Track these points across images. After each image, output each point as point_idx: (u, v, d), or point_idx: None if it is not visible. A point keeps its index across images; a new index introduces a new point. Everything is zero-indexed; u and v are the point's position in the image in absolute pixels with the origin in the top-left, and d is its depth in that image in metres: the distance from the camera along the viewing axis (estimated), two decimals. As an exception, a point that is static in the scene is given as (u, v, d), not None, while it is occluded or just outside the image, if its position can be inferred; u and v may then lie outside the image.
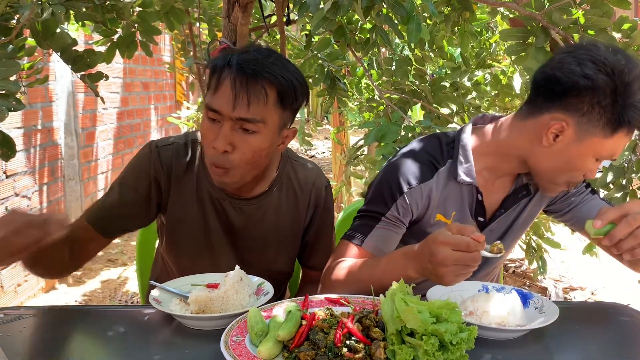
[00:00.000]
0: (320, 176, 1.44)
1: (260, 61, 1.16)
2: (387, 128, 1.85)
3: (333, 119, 4.89)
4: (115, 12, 1.79)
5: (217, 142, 1.16)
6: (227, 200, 1.33)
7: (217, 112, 1.16)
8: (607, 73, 1.06)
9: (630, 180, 1.48)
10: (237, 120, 1.15)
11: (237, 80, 1.14)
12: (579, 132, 1.12)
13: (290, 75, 1.18)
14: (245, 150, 1.18)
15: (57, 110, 3.49)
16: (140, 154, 1.33)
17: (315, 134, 9.54)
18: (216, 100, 1.16)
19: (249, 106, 1.15)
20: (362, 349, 0.88)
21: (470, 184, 1.25)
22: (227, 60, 1.18)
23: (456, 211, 1.25)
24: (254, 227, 1.36)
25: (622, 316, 1.18)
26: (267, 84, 1.15)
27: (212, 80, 1.20)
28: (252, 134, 1.17)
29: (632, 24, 1.40)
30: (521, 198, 1.30)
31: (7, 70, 1.34)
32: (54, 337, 1.05)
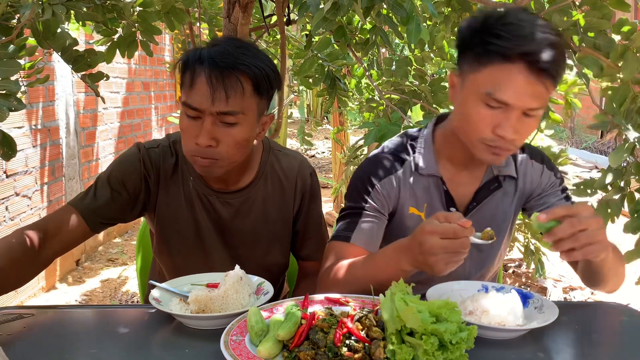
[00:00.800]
0: (305, 164, 1.45)
1: (231, 53, 1.18)
2: (386, 128, 1.86)
3: (333, 119, 4.89)
4: (116, 12, 1.79)
5: (201, 139, 1.17)
6: (213, 196, 1.35)
7: (195, 109, 1.17)
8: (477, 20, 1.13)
9: (629, 182, 1.48)
10: (217, 114, 1.17)
11: (212, 75, 1.15)
12: (461, 76, 1.17)
13: (262, 64, 1.20)
14: (229, 142, 1.20)
15: (57, 109, 3.50)
16: (128, 153, 1.34)
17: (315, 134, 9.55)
18: (193, 97, 1.17)
19: (227, 100, 1.16)
20: (361, 348, 0.88)
21: (433, 176, 1.29)
22: (197, 55, 1.19)
23: (427, 204, 1.28)
24: (243, 220, 1.37)
25: (621, 316, 1.18)
26: (241, 76, 1.17)
27: (185, 77, 1.21)
28: (233, 126, 1.20)
29: (632, 26, 1.40)
30: (493, 190, 1.31)
31: (8, 70, 1.34)
32: (54, 337, 1.05)
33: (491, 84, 1.10)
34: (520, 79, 1.07)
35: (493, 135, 1.13)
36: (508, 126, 1.11)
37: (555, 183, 1.35)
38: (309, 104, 9.68)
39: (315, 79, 2.46)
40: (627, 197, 1.49)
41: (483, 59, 1.11)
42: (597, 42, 1.45)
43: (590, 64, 1.45)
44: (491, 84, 1.10)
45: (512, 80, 1.08)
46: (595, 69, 1.45)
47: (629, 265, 1.47)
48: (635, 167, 1.44)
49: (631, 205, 1.48)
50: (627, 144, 1.36)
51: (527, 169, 1.34)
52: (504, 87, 1.09)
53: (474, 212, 1.32)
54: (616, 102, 1.44)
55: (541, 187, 1.34)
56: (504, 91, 1.09)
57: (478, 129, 1.14)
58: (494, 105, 1.11)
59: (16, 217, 3.08)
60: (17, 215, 3.08)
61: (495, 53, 1.08)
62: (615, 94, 1.46)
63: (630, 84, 1.44)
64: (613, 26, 1.43)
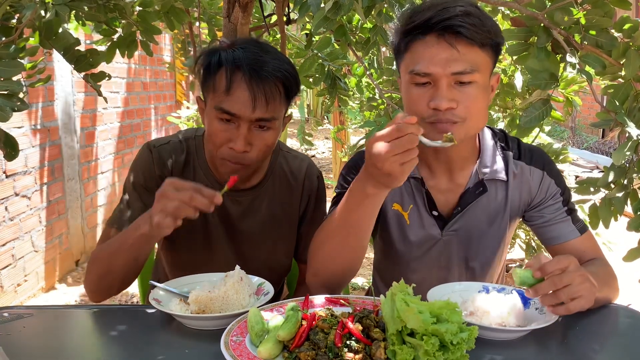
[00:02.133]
0: (312, 166, 1.47)
1: (266, 60, 1.20)
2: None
3: (333, 118, 4.89)
4: (117, 12, 1.79)
5: (237, 144, 1.19)
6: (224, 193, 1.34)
7: (233, 115, 1.18)
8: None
9: (632, 180, 1.47)
10: (254, 120, 1.19)
11: (253, 81, 1.17)
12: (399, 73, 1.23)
13: (290, 69, 1.24)
14: (262, 146, 1.23)
15: (57, 110, 3.49)
16: (140, 157, 1.35)
17: (315, 134, 9.55)
18: (232, 103, 1.18)
19: (267, 107, 1.19)
20: (362, 349, 0.88)
21: (415, 178, 1.30)
22: (230, 59, 1.19)
23: (412, 205, 1.30)
24: (250, 218, 1.38)
25: (622, 316, 1.18)
26: (277, 82, 1.20)
27: (215, 80, 1.20)
28: (266, 130, 1.23)
29: (634, 23, 1.40)
30: (478, 195, 1.29)
31: (10, 70, 1.33)
32: (54, 337, 1.05)
33: (412, 63, 1.15)
34: (432, 46, 1.12)
35: (430, 110, 1.13)
36: (440, 96, 1.12)
37: (556, 193, 1.30)
38: (309, 103, 9.68)
39: (315, 78, 2.45)
40: (630, 195, 1.48)
41: (402, 47, 1.18)
42: (599, 40, 1.44)
43: (592, 62, 1.44)
44: (412, 62, 1.15)
45: (426, 50, 1.13)
46: (597, 67, 1.44)
47: (629, 266, 1.47)
48: (638, 165, 1.44)
49: (634, 203, 1.48)
50: (630, 142, 1.35)
51: (524, 176, 1.30)
52: (421, 60, 1.13)
53: (459, 216, 1.30)
54: (618, 100, 1.44)
55: (540, 196, 1.30)
56: (421, 63, 1.13)
57: (417, 110, 1.14)
58: (420, 81, 1.14)
59: (16, 217, 3.08)
60: (16, 216, 3.08)
61: (408, 35, 1.15)
62: (618, 91, 1.45)
63: (632, 82, 1.44)
64: (615, 24, 1.43)
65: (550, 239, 1.31)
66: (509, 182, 1.29)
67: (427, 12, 1.12)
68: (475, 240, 1.32)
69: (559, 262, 1.01)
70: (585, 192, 1.54)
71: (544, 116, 1.53)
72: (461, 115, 1.13)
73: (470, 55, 1.12)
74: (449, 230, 1.30)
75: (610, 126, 1.43)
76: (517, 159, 1.31)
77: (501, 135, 1.35)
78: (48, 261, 3.42)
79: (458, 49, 1.11)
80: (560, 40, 1.46)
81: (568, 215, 1.30)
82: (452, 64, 1.11)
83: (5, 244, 2.98)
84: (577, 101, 2.14)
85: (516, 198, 1.31)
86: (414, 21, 1.14)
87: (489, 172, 1.28)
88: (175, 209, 1.05)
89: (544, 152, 1.34)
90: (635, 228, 1.44)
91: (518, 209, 1.33)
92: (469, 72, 1.11)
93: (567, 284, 0.98)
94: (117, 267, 1.20)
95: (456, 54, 1.11)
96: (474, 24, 1.11)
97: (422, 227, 1.31)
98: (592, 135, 8.78)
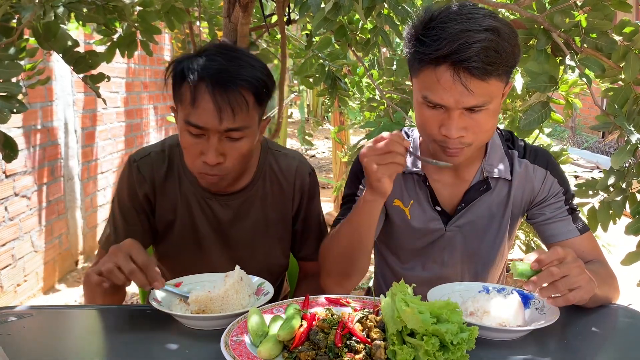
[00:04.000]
0: (303, 163, 1.45)
1: (231, 69, 1.16)
2: (389, 128, 1.85)
3: (333, 118, 4.89)
4: (116, 13, 1.79)
5: (209, 157, 1.17)
6: (212, 198, 1.35)
7: (201, 128, 1.16)
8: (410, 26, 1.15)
9: (630, 183, 1.47)
10: (223, 131, 1.17)
11: (217, 93, 1.14)
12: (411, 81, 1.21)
13: (260, 74, 1.20)
14: (236, 155, 1.21)
15: (56, 110, 3.49)
16: (122, 175, 1.37)
17: (315, 134, 9.54)
18: (198, 116, 1.16)
19: (234, 117, 1.16)
20: (362, 349, 0.88)
21: (417, 174, 1.31)
22: (194, 70, 1.15)
23: (413, 201, 1.32)
24: (241, 221, 1.37)
25: (622, 317, 1.18)
26: (244, 91, 1.17)
27: (182, 92, 1.18)
28: (239, 140, 1.20)
29: (634, 27, 1.40)
30: (482, 192, 1.30)
31: (9, 72, 1.33)
32: (54, 337, 1.05)
33: (425, 88, 1.13)
34: (446, 80, 1.08)
35: (440, 135, 1.14)
36: (450, 126, 1.12)
37: (558, 192, 1.31)
38: (309, 103, 9.67)
39: (315, 78, 2.46)
40: (629, 198, 1.49)
41: (415, 65, 1.14)
42: (599, 43, 1.44)
43: (592, 64, 1.44)
44: (424, 87, 1.13)
45: (440, 82, 1.09)
46: (597, 70, 1.45)
47: (630, 267, 1.47)
48: (637, 168, 1.44)
49: (633, 206, 1.48)
50: (629, 146, 1.36)
51: (528, 174, 1.31)
52: (434, 90, 1.11)
53: (463, 212, 1.31)
54: (618, 103, 1.44)
55: (543, 194, 1.31)
56: (434, 93, 1.11)
57: (427, 130, 1.17)
58: (433, 106, 1.13)
59: (15, 217, 3.07)
60: (16, 216, 3.08)
61: (420, 59, 1.11)
62: (617, 95, 1.45)
63: (632, 85, 1.44)
64: (615, 27, 1.43)
65: (549, 236, 1.32)
66: (513, 181, 1.31)
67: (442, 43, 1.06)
68: (479, 238, 1.34)
69: (555, 253, 1.01)
70: (584, 195, 1.54)
71: (544, 119, 1.54)
72: (469, 141, 1.16)
73: (483, 90, 1.09)
74: (453, 225, 1.33)
75: (610, 129, 1.43)
76: (521, 158, 1.32)
77: (508, 135, 1.37)
78: (48, 261, 3.42)
79: (471, 89, 1.07)
80: (560, 43, 1.46)
81: (569, 214, 1.31)
82: (465, 100, 1.09)
83: (5, 244, 2.98)
84: (577, 103, 2.14)
85: (519, 196, 1.33)
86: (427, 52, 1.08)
87: (494, 171, 1.30)
88: (108, 272, 1.06)
89: (548, 153, 1.36)
90: (633, 231, 1.45)
91: (520, 207, 1.34)
92: (480, 106, 1.11)
93: (565, 274, 0.99)
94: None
95: (473, 88, 1.08)
96: (490, 61, 1.06)
97: (424, 221, 1.33)
98: (592, 135, 8.78)
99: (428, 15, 1.11)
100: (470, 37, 1.05)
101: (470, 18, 1.07)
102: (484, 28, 1.06)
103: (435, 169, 1.32)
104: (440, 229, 1.33)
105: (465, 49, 1.04)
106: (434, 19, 1.10)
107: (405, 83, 2.28)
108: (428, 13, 1.12)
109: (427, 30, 1.09)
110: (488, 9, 1.13)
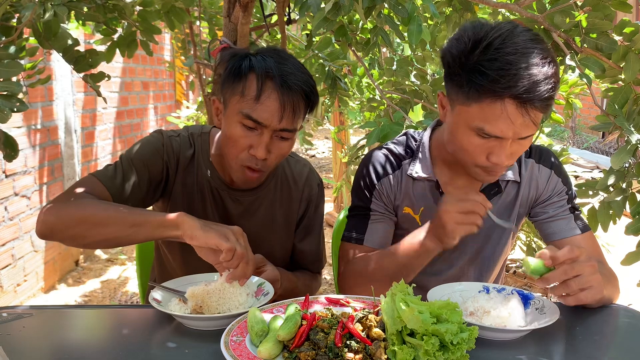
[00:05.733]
0: (313, 173, 1.47)
1: (294, 72, 1.21)
2: (389, 128, 1.85)
3: (333, 118, 4.89)
4: (117, 12, 1.79)
5: (259, 152, 1.20)
6: (225, 191, 1.37)
7: (259, 123, 1.19)
8: (464, 43, 1.09)
9: (630, 183, 1.48)
10: (279, 130, 1.21)
11: (284, 94, 1.18)
12: (450, 100, 1.17)
13: (312, 82, 1.25)
14: (279, 154, 1.24)
15: (56, 109, 3.49)
16: (151, 138, 1.33)
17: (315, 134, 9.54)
18: (261, 111, 1.18)
19: (293, 118, 1.20)
20: (362, 349, 0.88)
21: (428, 180, 1.31)
22: (263, 67, 1.19)
23: (424, 207, 1.32)
24: (249, 219, 1.39)
25: (622, 317, 1.18)
26: (303, 96, 1.22)
27: (244, 85, 1.20)
28: (286, 141, 1.24)
29: (634, 27, 1.40)
30: (493, 195, 1.31)
31: (9, 71, 1.33)
32: (54, 337, 1.05)
33: (481, 120, 1.10)
34: (510, 115, 1.07)
35: (488, 162, 1.14)
36: (502, 154, 1.12)
37: (562, 191, 1.33)
38: (309, 104, 9.65)
39: (315, 78, 2.45)
40: (629, 198, 1.49)
41: (471, 94, 1.09)
42: (599, 43, 1.44)
43: (592, 65, 1.44)
44: (481, 119, 1.10)
45: (502, 117, 1.07)
46: (597, 70, 1.45)
47: (630, 267, 1.47)
48: (637, 168, 1.44)
49: (633, 206, 1.48)
50: (629, 146, 1.36)
51: (533, 173, 1.33)
52: (494, 123, 1.09)
53: None
54: (618, 104, 1.44)
55: (547, 193, 1.33)
56: (494, 126, 1.09)
57: (472, 157, 1.16)
58: (486, 137, 1.12)
59: (15, 217, 3.07)
60: (16, 216, 3.08)
61: (482, 92, 1.07)
62: (617, 95, 1.45)
63: (631, 85, 1.44)
64: (615, 27, 1.43)
65: (551, 234, 1.32)
66: (521, 183, 1.33)
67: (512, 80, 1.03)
68: (486, 239, 1.35)
69: (570, 251, 1.01)
70: (584, 195, 1.54)
71: (544, 119, 1.54)
72: (511, 164, 1.19)
73: (539, 119, 1.10)
74: None
75: (610, 129, 1.43)
76: (527, 158, 1.34)
77: None
78: (48, 261, 3.42)
79: (533, 119, 1.08)
80: (560, 43, 1.46)
81: (571, 213, 1.33)
82: (525, 130, 1.09)
83: (5, 244, 2.98)
84: (577, 103, 2.14)
85: (525, 196, 1.34)
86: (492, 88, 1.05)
87: (506, 174, 1.31)
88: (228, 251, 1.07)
89: (552, 152, 1.38)
90: (633, 231, 1.45)
91: (526, 207, 1.36)
92: (532, 135, 1.13)
93: (578, 273, 0.99)
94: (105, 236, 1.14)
95: (529, 122, 1.08)
96: (551, 94, 1.07)
97: None
98: (592, 135, 8.78)
99: (483, 39, 1.06)
100: (539, 74, 1.04)
101: (527, 48, 1.05)
102: (548, 61, 1.06)
103: (447, 172, 1.32)
104: None
105: (537, 87, 1.04)
106: (493, 46, 1.05)
107: (405, 83, 2.28)
108: (480, 35, 1.07)
109: (490, 62, 1.05)
110: (532, 31, 1.11)
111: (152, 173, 1.30)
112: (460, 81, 1.10)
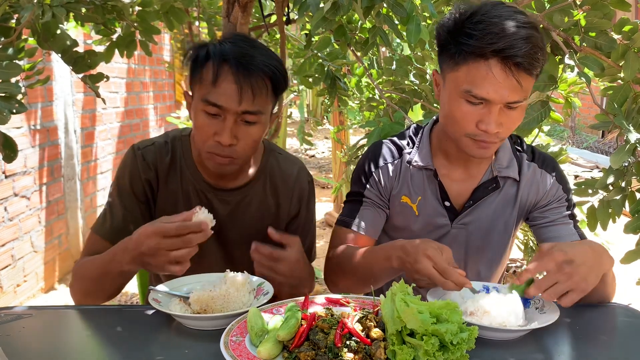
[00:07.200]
0: (304, 171, 1.46)
1: (254, 55, 1.20)
2: (390, 128, 1.85)
3: (333, 118, 4.89)
4: (115, 12, 1.79)
5: (223, 137, 1.19)
6: (211, 192, 1.36)
7: (219, 107, 1.18)
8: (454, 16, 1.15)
9: (630, 182, 1.48)
10: (240, 113, 1.19)
11: (240, 75, 1.17)
12: (442, 75, 1.21)
13: (278, 65, 1.24)
14: (248, 140, 1.23)
15: (56, 110, 3.49)
16: (125, 160, 1.36)
17: (315, 134, 9.54)
18: (218, 95, 1.18)
19: (253, 99, 1.19)
20: (362, 349, 0.88)
21: (428, 169, 1.33)
22: (218, 52, 1.19)
23: (421, 197, 1.33)
24: (238, 219, 1.38)
25: (622, 316, 1.18)
26: (265, 77, 1.20)
27: (202, 73, 1.21)
28: (253, 125, 1.22)
29: (633, 25, 1.40)
30: (491, 190, 1.33)
31: (8, 72, 1.33)
32: (54, 337, 1.05)
33: (469, 82, 1.13)
34: (495, 74, 1.10)
35: (477, 130, 1.16)
36: (491, 120, 1.14)
37: (561, 197, 1.34)
38: (308, 103, 9.67)
39: (315, 78, 2.45)
40: (628, 197, 1.49)
41: (458, 58, 1.14)
42: (598, 42, 1.44)
43: (591, 63, 1.44)
44: (468, 81, 1.13)
45: (488, 77, 1.11)
46: (596, 69, 1.45)
47: (629, 266, 1.47)
48: (636, 167, 1.44)
49: (632, 205, 1.48)
50: (629, 145, 1.36)
51: (535, 177, 1.34)
52: (480, 84, 1.12)
53: (470, 210, 1.33)
54: (617, 102, 1.44)
55: (547, 198, 1.34)
56: (481, 87, 1.12)
57: (462, 125, 1.17)
58: (474, 102, 1.14)
59: (15, 217, 3.07)
60: (16, 216, 3.08)
61: (468, 52, 1.12)
62: (616, 94, 1.45)
63: (631, 84, 1.44)
64: (614, 26, 1.43)
65: (549, 238, 1.33)
66: (521, 182, 1.33)
67: (495, 37, 1.08)
68: (484, 237, 1.35)
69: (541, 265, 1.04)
70: (583, 194, 1.54)
71: (543, 118, 1.54)
72: (502, 137, 1.19)
73: (526, 85, 1.13)
74: (459, 222, 1.34)
75: (609, 128, 1.43)
76: (530, 161, 1.35)
77: (516, 138, 1.40)
78: (47, 261, 3.42)
79: (520, 82, 1.11)
80: (559, 42, 1.46)
81: (570, 219, 1.34)
82: (511, 95, 1.12)
83: (5, 244, 2.98)
84: (577, 102, 2.14)
85: (525, 197, 1.35)
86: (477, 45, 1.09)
87: (504, 170, 1.32)
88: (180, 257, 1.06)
89: (554, 159, 1.39)
90: (633, 230, 1.45)
91: (525, 209, 1.36)
92: (520, 101, 1.14)
93: (552, 283, 1.02)
94: (104, 288, 1.25)
95: (516, 85, 1.11)
96: (537, 57, 1.10)
97: (432, 217, 1.34)
98: (592, 135, 8.78)
99: (471, 10, 1.13)
100: (522, 33, 1.08)
101: (515, 13, 1.11)
102: (530, 25, 1.10)
103: (446, 164, 1.33)
104: (447, 224, 1.34)
105: (519, 44, 1.08)
106: (480, 13, 1.12)
107: (404, 83, 2.28)
108: (469, 8, 1.14)
109: (475, 24, 1.11)
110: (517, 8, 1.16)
111: (138, 195, 1.34)
112: (450, 49, 1.16)
